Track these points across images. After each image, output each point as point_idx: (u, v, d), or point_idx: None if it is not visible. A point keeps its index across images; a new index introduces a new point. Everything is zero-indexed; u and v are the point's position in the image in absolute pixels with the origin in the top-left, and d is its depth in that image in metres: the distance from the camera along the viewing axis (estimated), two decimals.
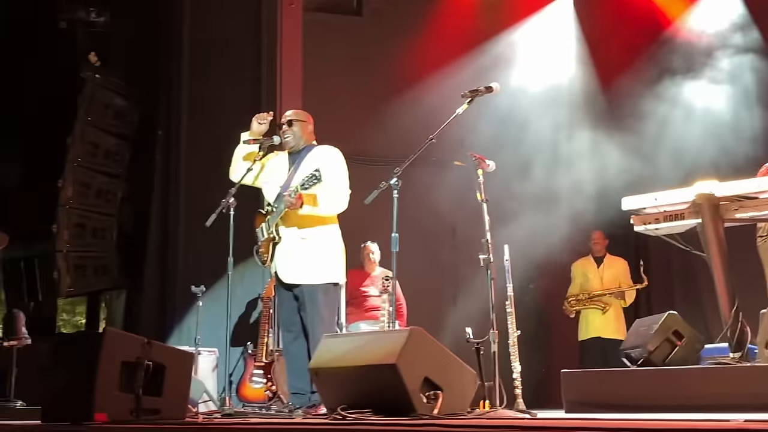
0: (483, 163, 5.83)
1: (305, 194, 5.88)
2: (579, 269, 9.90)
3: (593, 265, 9.81)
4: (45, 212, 9.41)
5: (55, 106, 9.89)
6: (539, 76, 10.68)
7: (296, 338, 6.11)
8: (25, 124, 10.36)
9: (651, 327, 6.21)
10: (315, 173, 5.79)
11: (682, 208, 5.95)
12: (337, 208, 6.09)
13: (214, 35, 9.43)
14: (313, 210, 5.95)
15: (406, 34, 10.55)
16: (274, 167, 6.35)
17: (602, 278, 9.70)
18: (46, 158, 9.78)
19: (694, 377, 5.40)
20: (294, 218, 6.02)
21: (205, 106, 9.33)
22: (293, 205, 5.87)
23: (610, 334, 9.48)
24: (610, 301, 9.56)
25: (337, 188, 6.02)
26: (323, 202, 5.96)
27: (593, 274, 9.75)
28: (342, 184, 6.08)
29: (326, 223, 6.09)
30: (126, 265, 9.68)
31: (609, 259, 9.82)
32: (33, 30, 9.98)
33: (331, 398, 4.86)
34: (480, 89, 5.86)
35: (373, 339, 5.02)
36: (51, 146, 9.65)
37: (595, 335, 9.56)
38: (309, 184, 5.81)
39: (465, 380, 4.79)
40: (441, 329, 9.28)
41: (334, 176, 6.02)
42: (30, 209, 10.05)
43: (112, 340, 4.66)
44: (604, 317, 9.55)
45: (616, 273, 9.71)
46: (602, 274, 9.72)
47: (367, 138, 9.87)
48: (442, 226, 10.44)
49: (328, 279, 6.05)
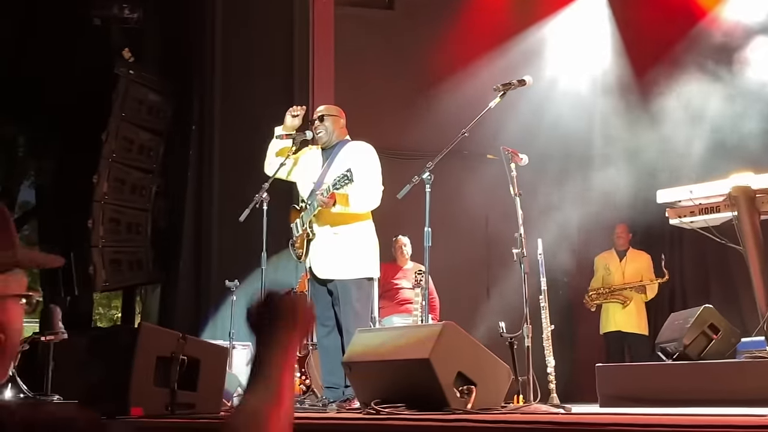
0: (516, 156, 5.80)
1: (337, 194, 5.89)
2: (601, 263, 9.84)
3: (616, 258, 9.75)
4: (80, 208, 9.48)
5: (89, 102, 9.96)
6: (572, 69, 10.62)
7: (330, 332, 6.12)
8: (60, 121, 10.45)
9: (687, 321, 6.16)
10: (347, 173, 5.78)
11: (718, 200, 5.92)
12: (369, 205, 6.09)
13: (246, 30, 9.47)
14: (345, 209, 5.96)
15: (438, 28, 10.53)
16: (308, 163, 6.36)
17: (624, 272, 9.63)
18: (81, 154, 9.85)
19: (730, 371, 5.37)
20: (327, 216, 6.04)
21: (237, 100, 9.37)
22: (325, 204, 5.89)
23: (630, 328, 9.48)
24: (630, 295, 9.49)
25: (369, 186, 6.02)
26: (355, 201, 5.97)
27: (615, 268, 9.70)
28: (374, 181, 6.07)
29: (360, 220, 6.10)
30: (160, 260, 9.74)
31: (632, 253, 9.74)
32: (67, 27, 10.05)
33: (364, 392, 4.87)
34: (513, 82, 5.84)
35: (407, 333, 5.02)
36: (86, 142, 9.72)
37: (616, 329, 9.53)
38: (341, 185, 5.81)
39: (499, 375, 4.78)
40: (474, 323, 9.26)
41: (366, 174, 6.01)
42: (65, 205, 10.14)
43: (147, 335, 4.69)
44: (625, 311, 9.50)
45: (639, 267, 9.63)
46: (624, 268, 9.66)
47: (400, 132, 9.87)
48: (474, 220, 10.41)
49: (362, 274, 6.06)
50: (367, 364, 4.88)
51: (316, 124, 6.28)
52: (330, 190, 5.86)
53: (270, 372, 1.86)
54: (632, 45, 10.74)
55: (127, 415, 4.45)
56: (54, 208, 10.39)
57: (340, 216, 6.03)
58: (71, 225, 9.88)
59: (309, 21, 9.51)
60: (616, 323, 9.53)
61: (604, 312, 9.69)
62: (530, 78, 5.90)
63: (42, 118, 10.19)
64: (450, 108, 9.10)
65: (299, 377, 7.99)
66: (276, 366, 1.87)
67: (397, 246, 8.98)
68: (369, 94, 10.01)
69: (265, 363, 1.88)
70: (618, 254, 9.77)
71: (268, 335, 1.90)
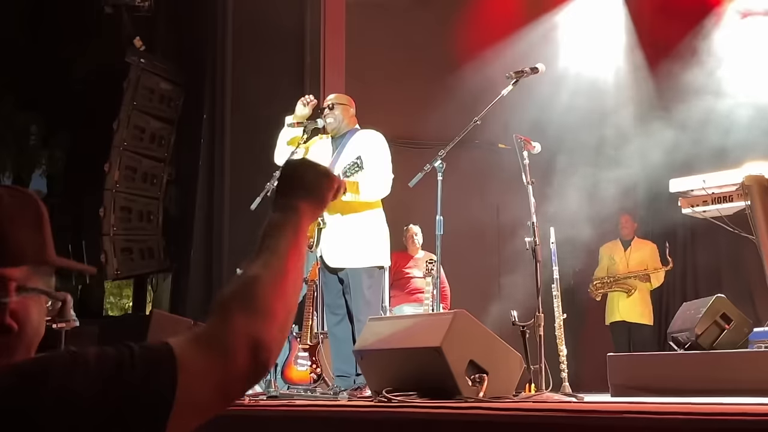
0: (528, 144, 5.79)
1: (347, 182, 5.88)
2: (606, 252, 9.85)
3: (620, 248, 9.77)
4: (91, 196, 9.50)
5: (100, 90, 9.97)
6: (585, 59, 10.58)
7: (341, 321, 6.13)
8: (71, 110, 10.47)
9: (699, 310, 6.14)
10: (357, 161, 5.77)
11: (731, 190, 5.90)
12: (380, 193, 6.08)
13: (257, 19, 9.44)
14: (355, 197, 5.95)
15: (450, 16, 10.50)
16: (318, 152, 6.35)
17: (628, 262, 9.64)
18: (93, 143, 9.87)
19: (743, 361, 5.35)
20: (337, 204, 6.01)
21: (249, 89, 9.36)
22: None
23: (634, 318, 9.50)
24: (635, 284, 9.50)
25: (378, 174, 6.00)
26: (365, 189, 5.95)
27: (619, 257, 9.70)
28: (384, 169, 6.05)
29: (370, 208, 6.09)
30: (172, 248, 9.76)
31: (637, 242, 9.75)
32: (79, 16, 10.06)
33: (375, 381, 4.87)
34: (525, 70, 5.82)
35: (418, 322, 5.02)
36: (97, 131, 9.74)
37: (620, 319, 9.55)
38: (351, 172, 5.80)
39: (510, 363, 4.78)
40: (486, 312, 9.24)
41: (376, 162, 5.99)
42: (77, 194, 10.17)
43: (158, 322, 4.71)
44: (630, 301, 9.52)
45: (643, 256, 9.63)
46: (629, 258, 9.67)
47: (411, 121, 9.85)
48: (486, 209, 10.39)
49: (373, 262, 6.06)
50: (379, 352, 4.88)
51: (326, 113, 6.27)
52: (340, 178, 5.84)
53: (278, 239, 1.76)
54: (646, 33, 10.69)
55: None
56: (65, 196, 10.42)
57: (351, 204, 6.01)
58: (82, 213, 9.90)
59: (320, 9, 9.49)
60: (620, 313, 9.54)
61: (609, 302, 9.70)
62: (543, 66, 5.88)
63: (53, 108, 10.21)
64: (462, 96, 9.06)
65: (310, 366, 8.00)
66: (285, 234, 1.77)
67: (408, 235, 8.98)
68: (380, 83, 9.98)
69: (275, 228, 1.78)
70: (623, 244, 9.78)
71: (287, 198, 1.83)
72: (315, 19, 9.47)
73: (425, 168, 5.67)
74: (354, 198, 5.96)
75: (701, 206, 6.15)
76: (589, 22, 10.82)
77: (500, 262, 10.27)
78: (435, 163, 5.63)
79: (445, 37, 10.31)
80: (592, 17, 10.84)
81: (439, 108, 9.46)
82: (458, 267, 8.96)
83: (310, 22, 9.47)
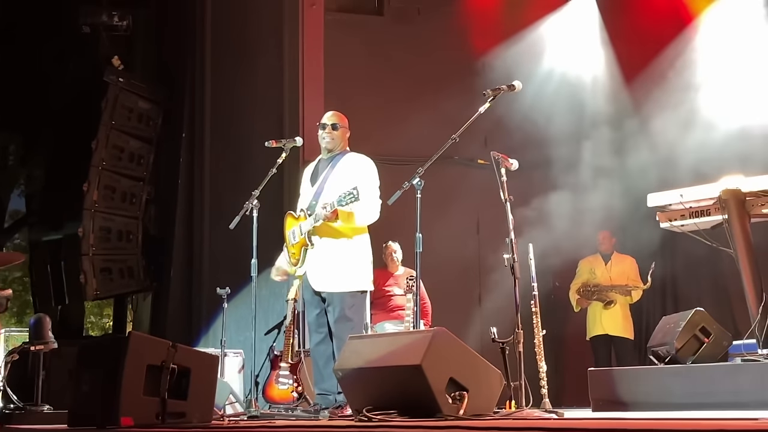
0: (506, 161, 5.80)
1: (341, 211, 5.90)
2: (586, 266, 9.79)
3: (601, 262, 9.73)
4: (71, 216, 9.46)
5: (79, 110, 9.94)
6: (562, 74, 10.63)
7: (322, 339, 6.14)
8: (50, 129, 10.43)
9: (678, 324, 6.16)
10: (353, 192, 5.78)
11: (708, 204, 5.93)
12: (370, 220, 6.15)
13: (235, 37, 9.45)
14: (347, 224, 6.02)
15: (427, 34, 10.54)
16: (307, 176, 6.41)
17: (610, 275, 9.61)
18: (72, 162, 9.83)
19: (722, 374, 5.37)
20: (328, 229, 6.06)
21: (228, 107, 9.35)
22: (328, 219, 5.92)
23: (616, 331, 9.49)
24: (615, 296, 9.47)
25: (371, 203, 6.06)
26: (358, 218, 6.04)
27: (600, 271, 9.66)
28: (375, 197, 6.12)
29: (359, 233, 6.15)
30: (151, 268, 9.72)
31: (617, 256, 9.72)
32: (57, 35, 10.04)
33: (356, 399, 4.86)
34: (502, 87, 5.83)
35: (398, 340, 5.02)
36: (76, 150, 9.70)
37: (603, 332, 9.52)
38: (346, 202, 5.82)
39: (491, 380, 4.78)
40: (466, 329, 9.27)
41: (369, 191, 6.04)
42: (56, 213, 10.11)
43: (137, 344, 4.67)
44: (612, 315, 9.50)
45: (624, 269, 9.63)
46: (610, 271, 9.64)
47: (390, 138, 9.86)
48: (466, 226, 10.41)
49: (357, 287, 6.11)
50: (359, 371, 4.87)
51: (328, 130, 6.27)
52: (335, 206, 5.86)
53: None
54: (622, 48, 10.75)
55: (117, 424, 4.43)
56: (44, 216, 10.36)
57: (341, 230, 6.06)
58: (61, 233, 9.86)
59: (299, 27, 9.49)
60: (603, 326, 9.52)
61: (590, 316, 9.67)
62: (519, 83, 5.89)
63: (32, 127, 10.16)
64: (440, 113, 9.08)
65: (292, 384, 7.98)
66: None
67: (387, 252, 8.96)
68: (359, 100, 9.98)
69: None
70: (603, 257, 9.76)
71: None
72: (293, 36, 9.47)
73: (404, 186, 5.67)
74: (345, 224, 6.00)
75: (679, 220, 6.18)
76: (567, 39, 10.88)
77: (481, 278, 10.27)
78: (413, 180, 5.63)
79: (424, 55, 10.35)
80: (569, 35, 10.91)
81: (418, 124, 9.48)
82: (439, 283, 8.95)
83: (289, 40, 9.47)
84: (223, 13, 9.48)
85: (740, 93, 9.37)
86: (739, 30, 9.75)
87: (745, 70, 9.50)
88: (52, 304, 10.00)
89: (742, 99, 9.32)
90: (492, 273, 8.87)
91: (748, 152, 8.71)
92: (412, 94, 10.19)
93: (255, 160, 6.50)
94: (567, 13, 11.00)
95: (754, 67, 9.49)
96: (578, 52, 10.89)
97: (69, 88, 10.16)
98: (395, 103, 10.26)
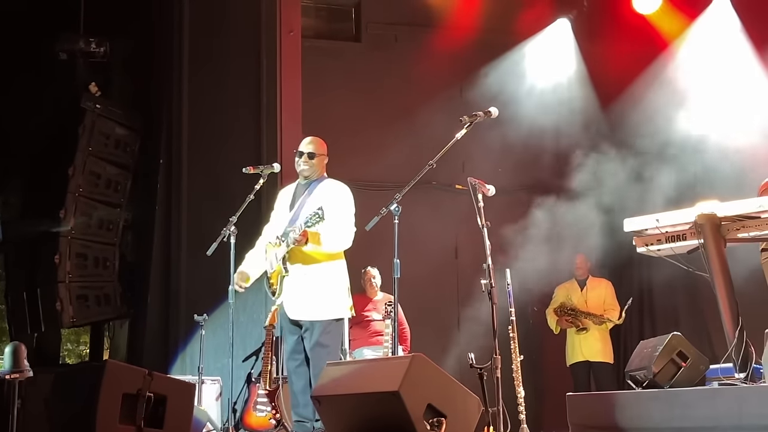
0: (483, 187, 5.82)
1: (309, 232, 5.90)
2: (562, 292, 9.80)
3: (577, 288, 9.78)
4: (47, 243, 9.39)
5: (56, 136, 9.89)
6: (538, 100, 10.71)
7: (299, 366, 6.12)
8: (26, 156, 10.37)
9: (655, 348, 6.17)
10: (318, 212, 5.81)
11: (684, 228, 5.96)
12: (341, 245, 6.13)
13: (213, 64, 9.45)
14: (316, 248, 5.99)
15: (404, 60, 10.61)
16: (281, 200, 6.40)
17: (586, 300, 9.65)
18: (48, 189, 9.77)
19: (700, 398, 5.37)
20: (299, 254, 6.06)
21: (205, 133, 9.34)
22: (298, 242, 5.91)
23: (595, 357, 9.50)
24: (589, 324, 9.49)
25: (341, 226, 6.06)
26: (326, 241, 6.00)
27: (576, 297, 9.69)
28: (345, 221, 6.11)
29: (332, 259, 6.13)
30: (128, 295, 9.66)
31: (592, 281, 9.80)
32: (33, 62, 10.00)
33: (334, 426, 4.84)
34: (479, 114, 5.86)
35: (375, 366, 5.01)
36: (52, 177, 9.65)
37: (583, 359, 9.53)
38: (312, 222, 5.84)
39: (468, 406, 4.77)
40: (445, 354, 9.27)
41: (338, 214, 6.05)
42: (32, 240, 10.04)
43: (112, 372, 4.64)
44: (589, 341, 9.52)
45: (600, 293, 9.70)
46: (586, 296, 9.69)
47: (368, 163, 9.89)
48: (444, 251, 10.43)
49: (333, 315, 6.11)
50: (337, 397, 4.85)
51: (304, 159, 6.28)
52: (302, 227, 5.87)
53: None
54: (598, 74, 10.85)
55: None
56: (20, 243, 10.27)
57: (312, 255, 6.05)
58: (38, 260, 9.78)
59: (276, 53, 9.51)
60: (582, 353, 9.53)
61: (569, 343, 9.68)
62: (496, 110, 5.93)
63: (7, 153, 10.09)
64: (417, 139, 9.13)
65: (270, 411, 7.93)
66: None
67: (366, 278, 8.97)
68: (336, 126, 10.00)
69: None
70: (579, 283, 9.79)
71: None
72: (271, 62, 9.48)
73: (381, 211, 5.68)
74: (316, 249, 5.99)
75: (655, 245, 6.20)
76: (543, 64, 10.98)
77: (459, 303, 10.28)
78: (391, 206, 5.65)
79: (401, 81, 10.40)
80: (545, 60, 11.01)
81: (395, 150, 9.52)
82: (417, 309, 8.96)
83: (267, 66, 9.48)
84: (201, 39, 9.48)
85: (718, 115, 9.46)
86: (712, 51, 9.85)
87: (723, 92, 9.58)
88: (27, 331, 9.89)
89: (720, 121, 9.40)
90: (470, 298, 8.89)
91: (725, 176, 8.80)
92: (390, 120, 10.24)
93: (233, 187, 6.49)
94: (542, 41, 11.11)
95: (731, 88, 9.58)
96: (555, 77, 10.98)
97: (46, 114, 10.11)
98: (373, 129, 10.30)
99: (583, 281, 9.79)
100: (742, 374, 5.45)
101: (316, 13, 11.17)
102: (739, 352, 5.49)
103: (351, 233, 6.10)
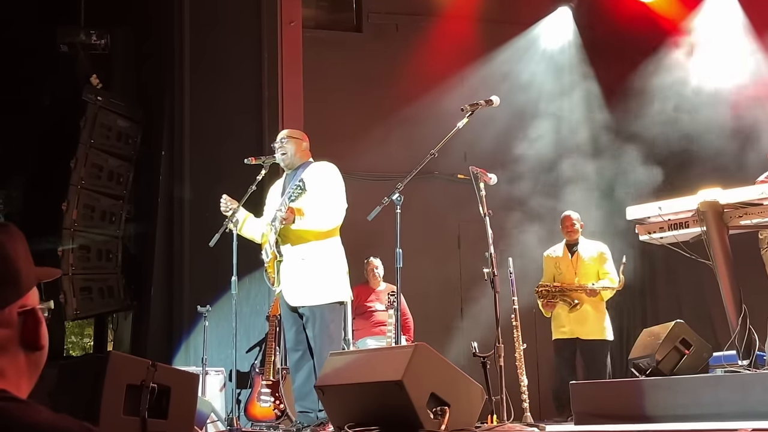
0: (485, 176, 5.82)
1: (294, 207, 5.86)
2: (550, 263, 8.60)
3: (566, 255, 8.49)
4: (50, 235, 9.40)
5: (57, 129, 9.90)
6: (540, 88, 10.70)
7: (302, 356, 6.09)
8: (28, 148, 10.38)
9: (659, 336, 6.18)
10: (299, 183, 5.79)
11: (687, 216, 5.96)
12: (330, 221, 6.03)
13: (214, 56, 9.45)
14: (302, 222, 5.91)
15: (406, 50, 10.60)
16: (272, 193, 6.39)
17: (576, 270, 8.41)
18: (50, 182, 9.78)
19: (703, 386, 5.38)
20: (290, 234, 6.00)
21: (207, 125, 9.34)
22: (286, 219, 5.85)
23: (588, 334, 8.32)
24: (581, 297, 8.26)
25: (325, 201, 5.98)
26: (310, 214, 5.91)
27: (566, 266, 8.46)
28: (331, 196, 6.02)
29: (325, 238, 6.04)
30: (132, 287, 9.67)
31: (584, 244, 8.50)
32: (34, 54, 10.00)
33: (338, 416, 4.85)
34: (480, 102, 5.86)
35: (379, 356, 5.01)
36: (54, 170, 9.65)
37: (571, 336, 8.36)
38: (294, 195, 5.80)
39: (472, 395, 4.77)
40: (448, 343, 9.27)
41: (322, 189, 5.98)
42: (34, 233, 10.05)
43: (116, 364, 4.64)
44: (580, 316, 8.28)
45: (593, 261, 8.42)
46: (576, 266, 8.42)
47: (369, 154, 9.88)
48: (446, 240, 10.44)
49: (333, 299, 6.02)
50: (340, 387, 4.86)
51: (278, 146, 6.27)
52: (287, 203, 5.84)
53: None
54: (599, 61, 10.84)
55: None
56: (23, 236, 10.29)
57: (304, 235, 5.98)
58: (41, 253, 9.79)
59: (277, 44, 9.50)
60: (572, 330, 8.34)
61: (554, 315, 8.51)
62: (497, 98, 5.93)
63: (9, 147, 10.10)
64: (419, 129, 9.12)
65: (273, 402, 7.95)
66: None
67: (369, 268, 8.97)
68: (338, 116, 10.01)
69: None
70: (568, 248, 8.53)
71: None
72: (272, 54, 9.47)
73: (383, 201, 5.67)
74: (302, 224, 5.91)
75: (658, 233, 6.20)
76: (545, 54, 10.97)
77: (462, 292, 10.29)
78: (393, 196, 5.64)
79: (402, 71, 10.39)
80: (547, 50, 11.00)
81: (397, 140, 9.51)
82: (420, 298, 8.96)
83: (268, 57, 9.47)
84: (202, 30, 9.47)
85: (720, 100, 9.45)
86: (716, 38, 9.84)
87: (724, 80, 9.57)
88: None
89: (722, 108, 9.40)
90: (473, 287, 8.88)
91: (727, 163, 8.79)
92: (392, 109, 10.23)
93: (235, 178, 6.48)
94: (543, 29, 11.10)
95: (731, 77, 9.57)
96: (557, 66, 10.97)
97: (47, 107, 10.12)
98: (374, 119, 10.29)
99: (572, 245, 8.52)
100: (746, 361, 5.45)
101: (316, 3, 11.17)
102: (742, 339, 5.50)
103: (339, 209, 6.02)
